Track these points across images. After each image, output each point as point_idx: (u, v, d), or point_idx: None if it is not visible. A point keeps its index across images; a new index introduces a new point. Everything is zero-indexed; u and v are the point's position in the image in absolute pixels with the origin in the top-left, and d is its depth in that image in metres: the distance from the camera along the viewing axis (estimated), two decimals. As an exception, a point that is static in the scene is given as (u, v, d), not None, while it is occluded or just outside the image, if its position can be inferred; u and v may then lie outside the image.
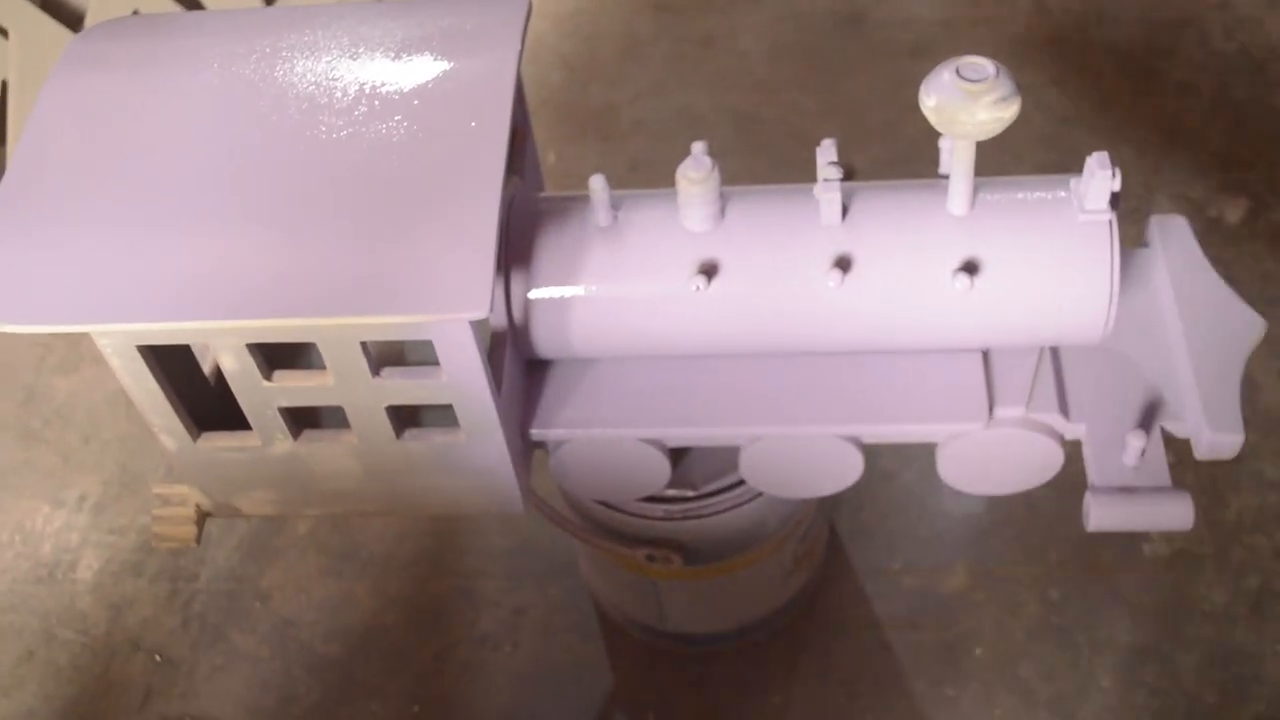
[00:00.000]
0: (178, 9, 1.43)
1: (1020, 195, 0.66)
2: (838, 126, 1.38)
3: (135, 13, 1.40)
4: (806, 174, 0.66)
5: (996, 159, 0.68)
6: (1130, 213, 1.26)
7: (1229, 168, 1.30)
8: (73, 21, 1.37)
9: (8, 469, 1.23)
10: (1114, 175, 0.62)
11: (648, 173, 1.36)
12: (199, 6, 1.46)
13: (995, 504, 1.10)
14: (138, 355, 0.64)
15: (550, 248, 0.67)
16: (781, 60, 1.47)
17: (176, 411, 0.67)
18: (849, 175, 0.66)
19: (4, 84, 1.35)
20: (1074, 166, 0.66)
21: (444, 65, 0.66)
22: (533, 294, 0.68)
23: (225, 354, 0.63)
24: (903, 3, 1.50)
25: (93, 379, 1.28)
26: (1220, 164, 1.31)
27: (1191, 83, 1.38)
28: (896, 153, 1.34)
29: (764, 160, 1.36)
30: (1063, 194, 0.66)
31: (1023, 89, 0.60)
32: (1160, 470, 0.69)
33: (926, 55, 1.44)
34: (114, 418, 1.25)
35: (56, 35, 1.35)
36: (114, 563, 1.16)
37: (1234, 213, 1.26)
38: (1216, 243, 1.24)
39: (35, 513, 1.20)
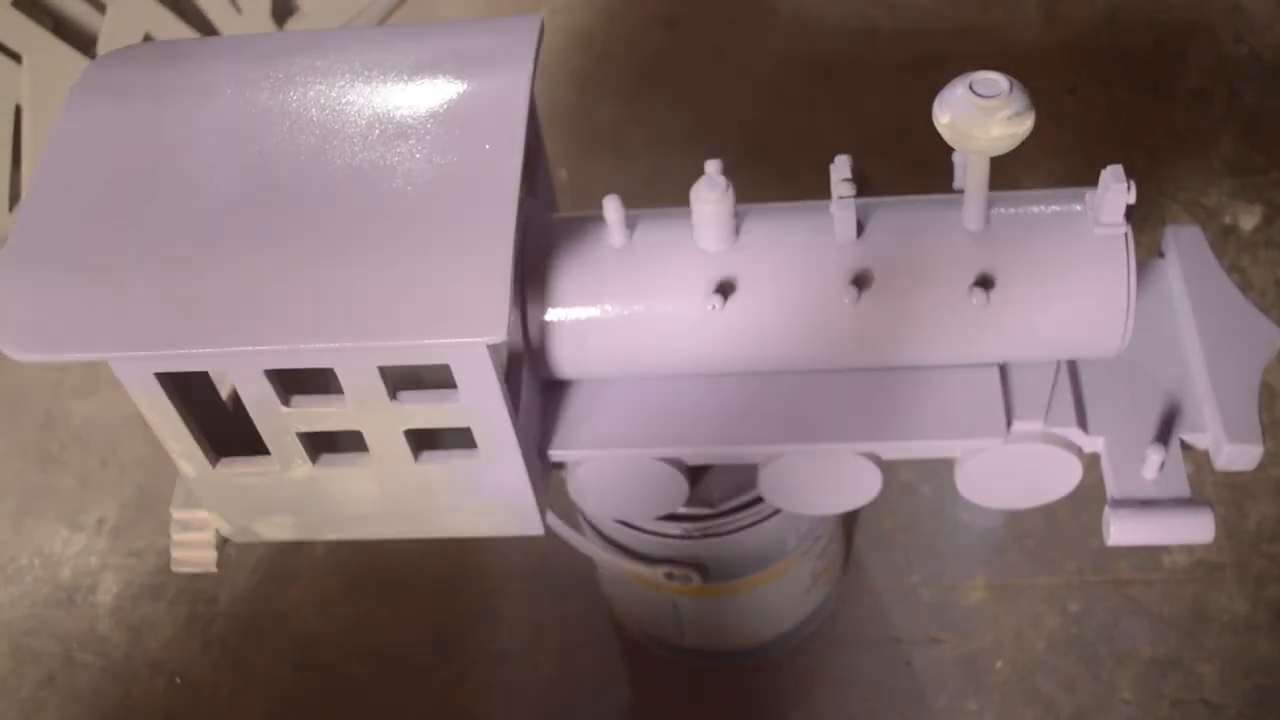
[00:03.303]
0: (190, 33, 1.43)
1: (1035, 209, 0.66)
2: (850, 138, 1.38)
3: (147, 36, 1.40)
4: (819, 187, 0.66)
5: (1009, 168, 0.68)
6: (1143, 220, 1.26)
7: (1242, 174, 1.30)
8: (85, 45, 1.38)
9: (27, 493, 1.24)
10: (1129, 188, 0.62)
11: (661, 188, 1.36)
12: (212, 30, 1.47)
13: (1014, 516, 1.10)
14: (155, 383, 0.64)
15: (566, 269, 0.67)
16: (793, 73, 1.47)
17: (195, 437, 0.67)
18: (863, 185, 0.66)
19: (18, 108, 1.36)
20: (1086, 175, 0.66)
21: (457, 88, 0.66)
22: (549, 316, 0.68)
23: (242, 380, 0.63)
24: (913, 13, 1.50)
25: (110, 402, 1.29)
26: (1233, 170, 1.30)
27: (1203, 88, 1.38)
28: (910, 163, 1.33)
29: (776, 173, 1.36)
30: (1077, 207, 0.66)
31: (1034, 97, 0.60)
32: (1180, 482, 0.68)
33: (938, 66, 1.43)
34: (132, 440, 1.25)
35: (69, 60, 1.35)
36: (133, 585, 1.16)
37: (1248, 219, 1.26)
38: (1231, 250, 1.24)
39: (54, 536, 1.20)
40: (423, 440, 0.68)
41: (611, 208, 0.66)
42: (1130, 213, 0.64)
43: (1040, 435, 0.70)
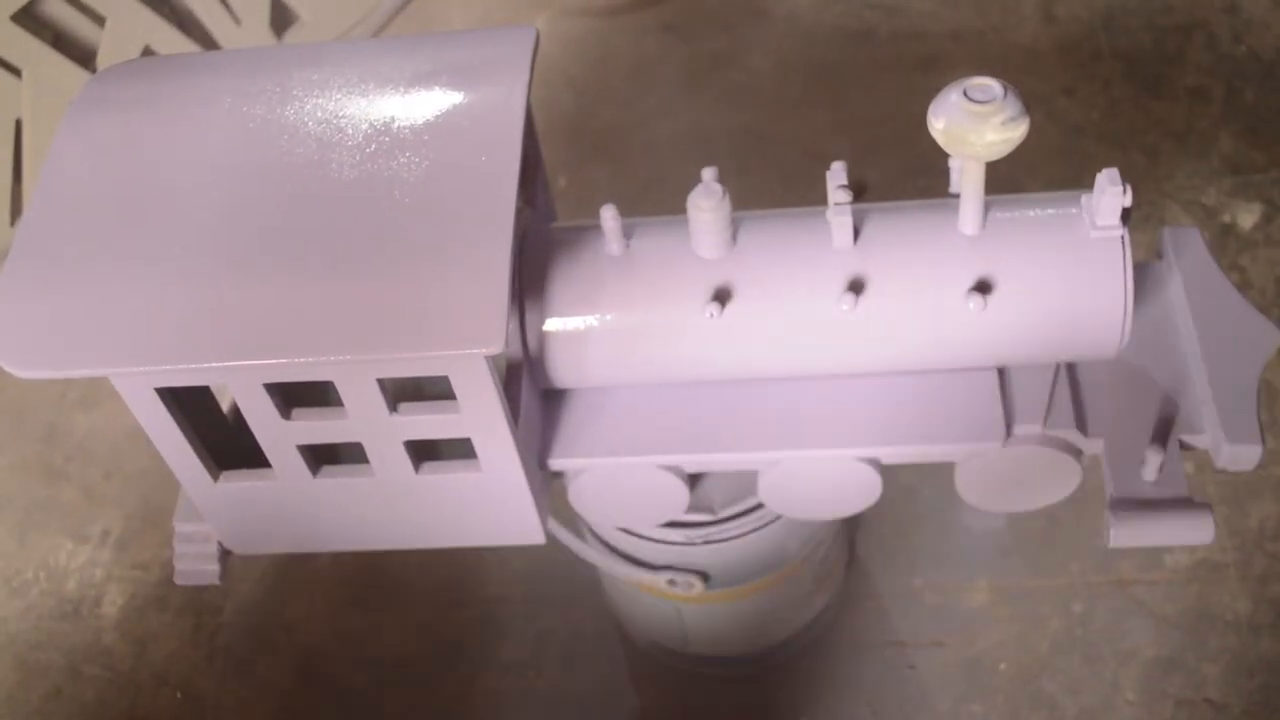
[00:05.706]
0: (189, 46, 1.43)
1: (1031, 213, 0.66)
2: (849, 141, 1.38)
3: (146, 49, 1.41)
4: (818, 190, 0.66)
5: (1008, 170, 0.68)
6: (1143, 220, 1.26)
7: (1242, 172, 1.30)
8: (85, 59, 1.38)
9: (31, 506, 1.24)
10: (1125, 191, 0.62)
11: (659, 193, 1.36)
12: (211, 42, 1.47)
13: (1015, 518, 1.10)
14: (155, 397, 0.64)
15: (564, 278, 0.68)
16: (791, 76, 1.47)
17: (196, 452, 0.67)
18: (861, 190, 0.66)
19: (18, 123, 1.36)
20: (1086, 176, 0.66)
21: (454, 99, 0.66)
22: (547, 325, 0.68)
23: (242, 394, 0.64)
24: (911, 16, 1.51)
25: (113, 414, 1.29)
26: (1233, 169, 1.30)
27: (1201, 87, 1.38)
28: (908, 166, 1.34)
29: (775, 177, 1.36)
30: (1074, 211, 0.66)
31: (1032, 98, 0.60)
32: (1179, 483, 0.69)
33: (936, 68, 1.44)
34: (135, 452, 1.26)
35: (69, 74, 1.35)
36: (138, 598, 1.17)
37: (1247, 218, 1.26)
38: (1231, 249, 1.24)
39: (59, 549, 1.21)
40: (423, 451, 0.68)
41: (608, 216, 0.66)
42: (1127, 215, 0.64)
43: (1040, 438, 0.70)
